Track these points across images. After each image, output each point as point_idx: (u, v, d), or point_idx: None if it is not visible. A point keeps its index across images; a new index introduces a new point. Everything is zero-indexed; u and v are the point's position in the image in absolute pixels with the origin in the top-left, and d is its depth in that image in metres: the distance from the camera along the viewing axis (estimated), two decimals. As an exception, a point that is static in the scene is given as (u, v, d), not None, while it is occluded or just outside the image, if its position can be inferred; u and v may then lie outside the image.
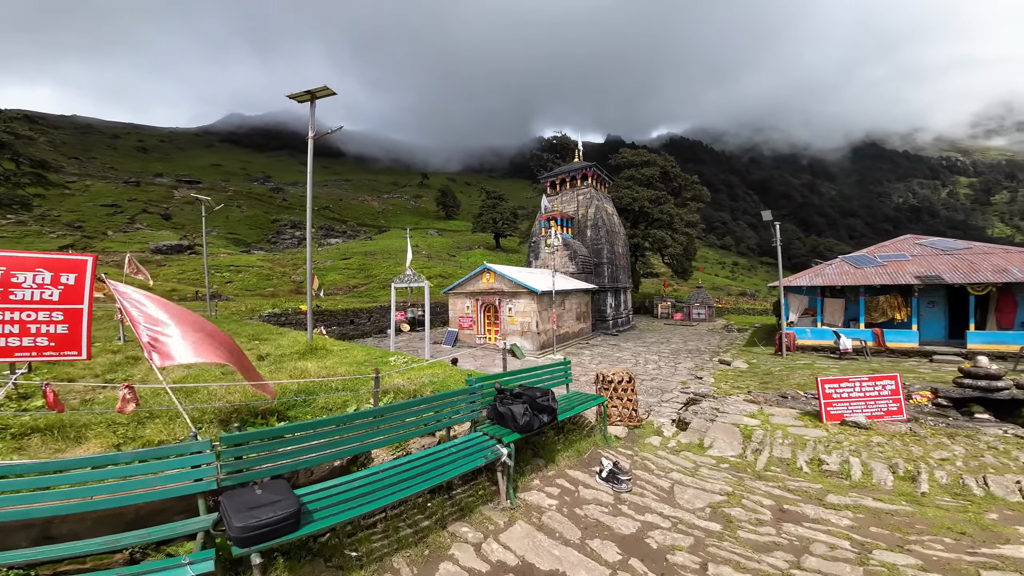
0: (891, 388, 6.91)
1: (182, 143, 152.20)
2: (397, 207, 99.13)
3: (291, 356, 7.92)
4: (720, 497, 4.20)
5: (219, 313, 20.35)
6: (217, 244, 55.46)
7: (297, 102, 10.16)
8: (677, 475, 4.66)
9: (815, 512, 4.01)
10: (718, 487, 4.42)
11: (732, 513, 3.90)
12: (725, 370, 13.61)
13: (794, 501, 4.25)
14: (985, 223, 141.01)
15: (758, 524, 3.76)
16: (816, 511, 4.03)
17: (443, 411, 3.67)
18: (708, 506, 4.03)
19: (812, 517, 3.92)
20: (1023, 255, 14.71)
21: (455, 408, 3.81)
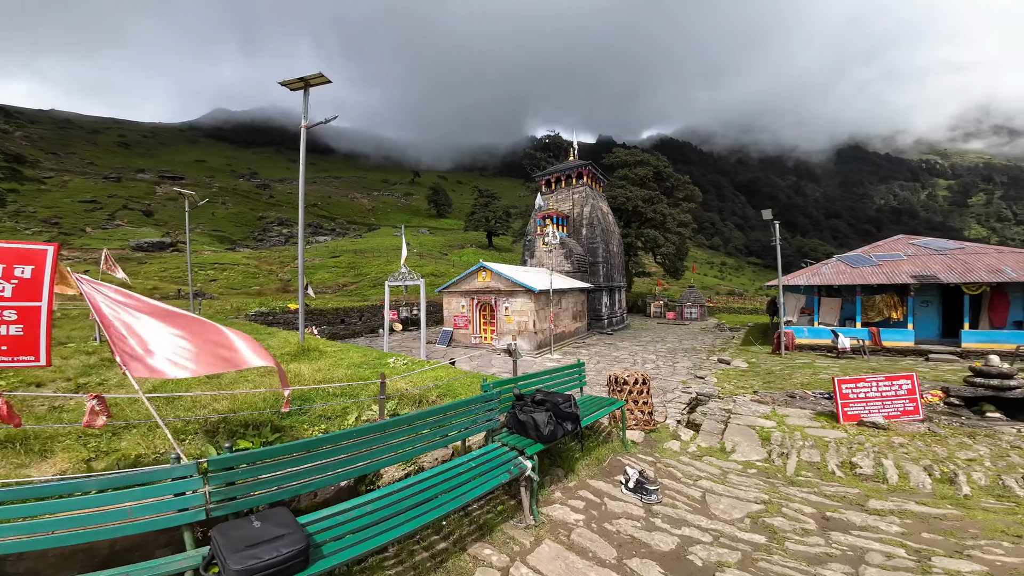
0: (907, 388, 6.76)
1: (165, 138, 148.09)
2: (387, 205, 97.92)
3: (282, 358, 7.46)
4: (757, 506, 3.94)
5: (203, 312, 19.59)
6: (201, 241, 53.98)
7: (289, 89, 9.63)
8: (707, 483, 4.38)
9: (861, 519, 3.77)
10: (752, 495, 4.16)
11: (774, 523, 3.64)
12: (726, 369, 13.48)
13: (835, 508, 4.01)
14: (962, 225, 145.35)
15: (804, 534, 3.50)
16: (862, 518, 3.79)
17: (459, 420, 3.29)
18: (747, 516, 3.75)
19: (859, 524, 3.69)
20: (1015, 255, 14.91)
21: (472, 417, 3.43)
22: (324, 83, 9.58)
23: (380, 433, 2.75)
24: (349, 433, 2.65)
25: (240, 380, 5.92)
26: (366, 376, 5.74)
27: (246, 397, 4.88)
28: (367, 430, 2.73)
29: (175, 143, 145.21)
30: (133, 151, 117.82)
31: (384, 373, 4.24)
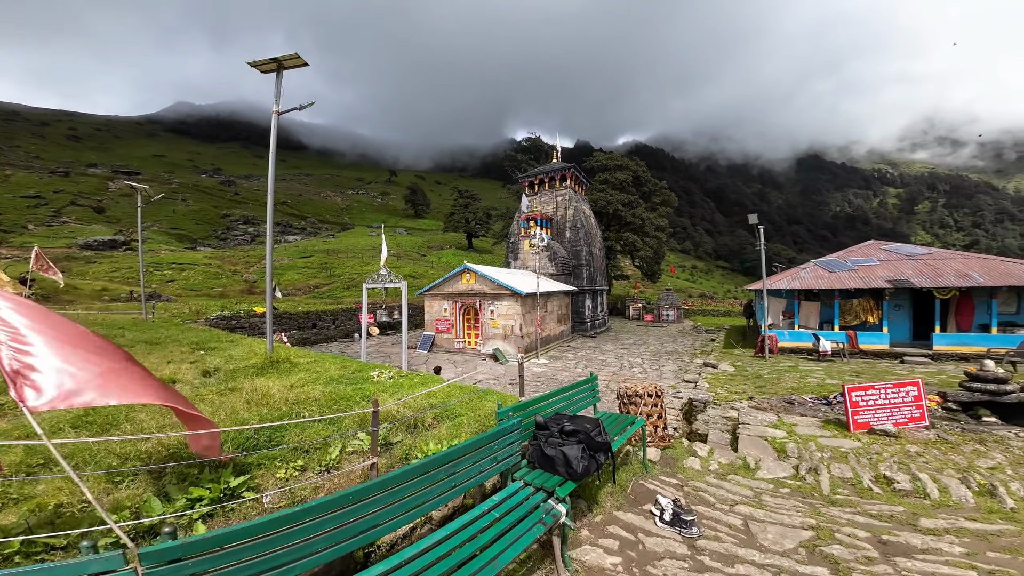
0: (914, 394, 6.67)
1: (121, 132, 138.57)
2: (362, 204, 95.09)
3: (247, 372, 6.56)
4: (807, 532, 3.55)
5: (157, 316, 17.93)
6: (158, 240, 50.50)
7: (260, 71, 8.69)
8: (744, 508, 3.96)
9: (920, 541, 3.46)
10: (798, 520, 3.77)
11: (833, 552, 3.25)
12: (715, 374, 13.38)
13: (887, 529, 3.69)
14: (909, 231, 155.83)
15: (869, 563, 3.14)
16: (920, 539, 3.49)
17: (475, 463, 2.63)
18: (800, 546, 3.35)
19: (920, 547, 3.37)
20: (980, 261, 15.66)
21: (492, 456, 2.78)
22: (300, 65, 8.70)
23: (381, 492, 2.09)
24: (341, 499, 1.97)
25: (195, 401, 5.06)
26: (348, 395, 5.00)
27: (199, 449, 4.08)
28: (365, 491, 2.05)
29: (132, 137, 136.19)
30: (84, 144, 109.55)
31: (376, 399, 3.56)
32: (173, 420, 4.33)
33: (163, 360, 8.34)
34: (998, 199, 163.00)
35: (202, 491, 3.16)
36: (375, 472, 3.16)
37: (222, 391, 5.52)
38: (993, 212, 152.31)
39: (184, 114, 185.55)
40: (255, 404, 4.58)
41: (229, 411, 4.39)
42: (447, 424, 4.20)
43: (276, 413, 4.31)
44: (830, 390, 10.75)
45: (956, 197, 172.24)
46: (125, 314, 19.98)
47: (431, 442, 3.71)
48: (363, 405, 4.65)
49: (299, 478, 3.35)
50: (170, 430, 4.16)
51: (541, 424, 3.30)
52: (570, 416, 3.43)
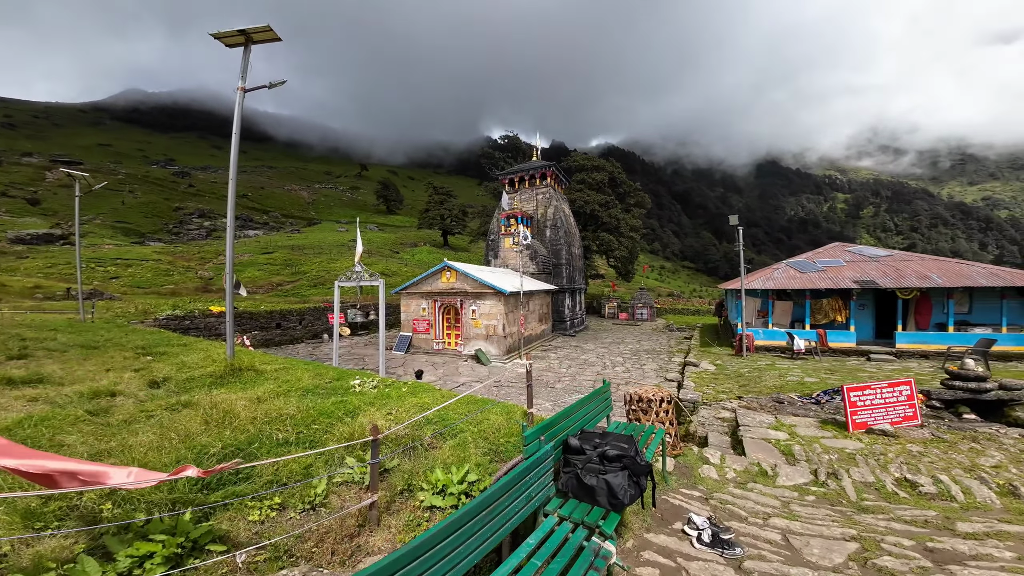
0: (907, 393, 6.74)
1: (62, 120, 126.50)
2: (330, 198, 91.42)
3: (204, 382, 5.71)
4: (852, 544, 3.34)
5: (97, 316, 16.16)
6: (102, 234, 46.41)
7: (225, 45, 7.76)
8: (779, 520, 3.68)
9: (967, 547, 3.34)
10: (837, 530, 3.54)
11: (886, 564, 3.05)
12: (698, 372, 13.43)
13: (927, 536, 3.55)
14: (855, 234, 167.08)
15: (925, 573, 2.98)
16: (967, 546, 3.37)
17: (511, 505, 2.11)
18: (850, 559, 3.12)
19: (969, 553, 3.23)
20: (936, 262, 16.62)
21: (526, 493, 2.25)
22: (271, 39, 7.83)
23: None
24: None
25: (139, 418, 4.24)
26: (328, 410, 4.34)
27: (150, 456, 3.32)
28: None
29: (74, 125, 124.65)
30: (19, 132, 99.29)
31: (376, 426, 2.98)
32: (110, 445, 3.54)
33: (101, 367, 7.27)
34: (933, 205, 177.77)
35: (152, 545, 2.48)
36: (374, 512, 2.60)
37: (174, 406, 4.71)
38: (929, 217, 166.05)
39: (135, 101, 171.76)
40: (216, 424, 3.86)
41: (183, 434, 3.66)
42: (450, 443, 3.66)
43: (243, 436, 3.62)
44: (811, 388, 10.96)
45: (896, 203, 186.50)
46: (60, 314, 17.89)
47: (437, 468, 3.17)
48: (346, 422, 4.02)
49: (278, 520, 2.73)
50: (108, 458, 3.39)
51: (575, 448, 2.84)
52: (600, 434, 3.01)
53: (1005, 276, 14.77)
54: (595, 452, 2.77)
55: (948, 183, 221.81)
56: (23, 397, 5.40)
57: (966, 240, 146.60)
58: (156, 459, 3.38)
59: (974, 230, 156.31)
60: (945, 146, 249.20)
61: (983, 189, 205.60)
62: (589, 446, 2.85)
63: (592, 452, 2.79)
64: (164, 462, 3.38)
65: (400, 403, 4.74)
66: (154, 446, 3.56)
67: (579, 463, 2.74)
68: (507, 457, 3.46)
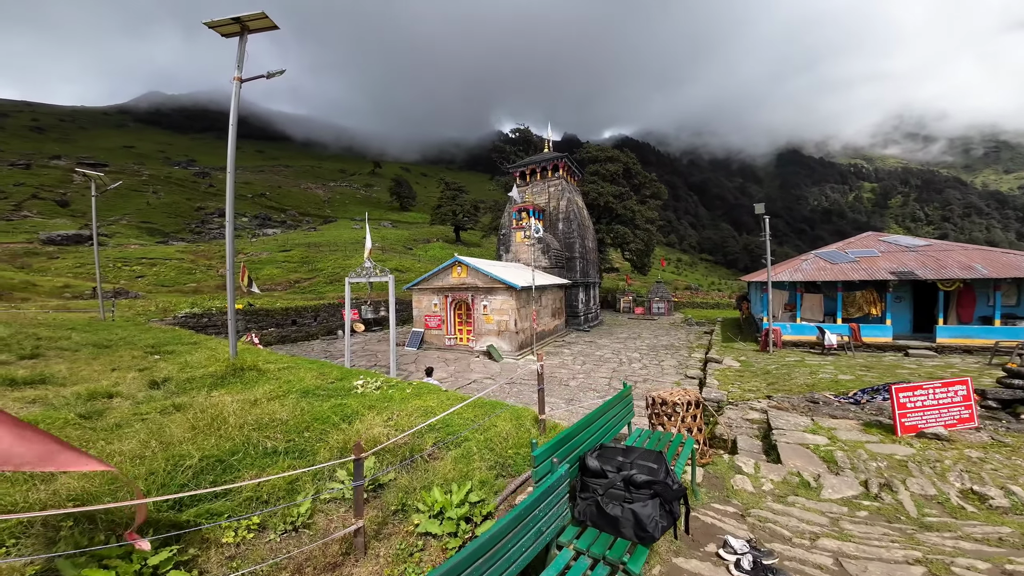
0: (963, 394, 6.09)
1: (87, 123, 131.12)
2: (345, 196, 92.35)
3: (203, 382, 5.48)
4: (918, 568, 2.86)
5: (118, 314, 16.43)
6: (127, 234, 47.83)
7: (221, 35, 7.51)
8: (829, 542, 3.19)
9: None
10: (899, 553, 3.04)
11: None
12: (721, 369, 12.78)
13: (1004, 557, 3.04)
14: (883, 225, 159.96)
15: None
16: None
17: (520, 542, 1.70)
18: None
19: None
20: (980, 252, 15.44)
21: (537, 528, 1.85)
22: (268, 28, 7.53)
23: None
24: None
25: (131, 421, 3.99)
26: (324, 415, 4.01)
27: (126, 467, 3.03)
28: None
29: (98, 128, 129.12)
30: (47, 136, 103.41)
31: (360, 443, 2.60)
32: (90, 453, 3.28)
33: (107, 367, 7.16)
34: (966, 194, 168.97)
35: (105, 573, 2.17)
36: (360, 539, 2.23)
37: (167, 409, 4.46)
38: (961, 206, 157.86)
39: (156, 104, 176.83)
40: (202, 430, 3.57)
41: (164, 441, 3.37)
42: (453, 454, 3.29)
43: (227, 444, 3.31)
44: (846, 387, 10.23)
45: (927, 192, 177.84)
46: (83, 313, 18.30)
47: (435, 487, 2.79)
48: (342, 429, 3.69)
49: (254, 544, 2.40)
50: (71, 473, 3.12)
51: (594, 470, 2.40)
52: (623, 449, 2.57)
53: (1061, 265, 13.58)
54: (619, 476, 2.33)
55: (982, 171, 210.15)
56: (22, 399, 5.26)
57: (1002, 230, 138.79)
58: (131, 470, 3.11)
59: (1011, 220, 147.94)
60: (977, 133, 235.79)
61: (1020, 177, 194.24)
62: (611, 467, 2.41)
63: (615, 475, 2.34)
64: (136, 474, 3.10)
65: (402, 406, 4.39)
66: (132, 455, 3.29)
67: (599, 488, 2.31)
68: (515, 471, 3.07)
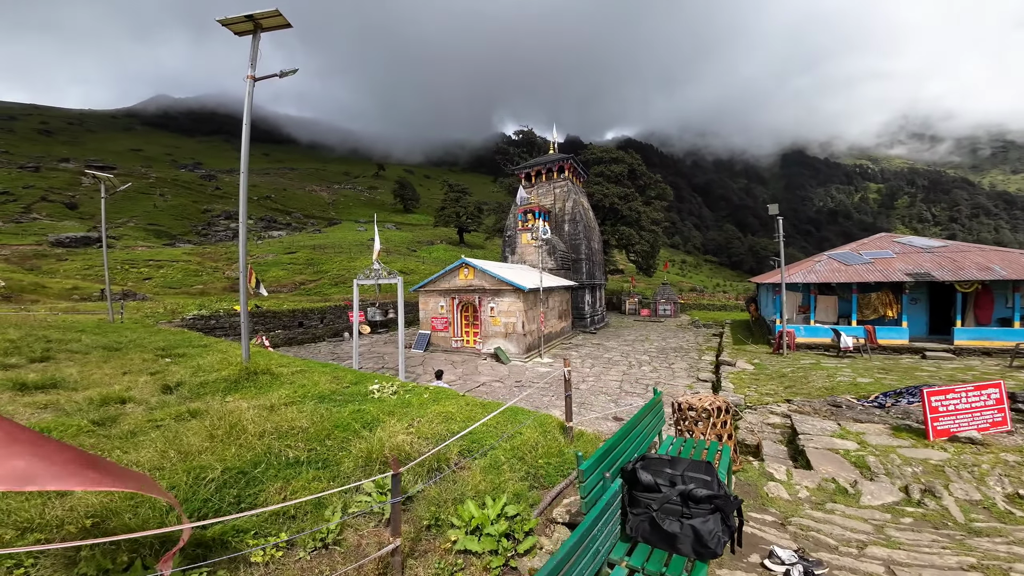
0: (996, 397, 5.92)
1: (95, 126, 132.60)
2: (349, 198, 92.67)
3: (217, 386, 5.38)
4: (975, 575, 2.66)
5: (127, 316, 16.44)
6: (135, 236, 48.17)
7: (234, 32, 7.45)
8: (879, 550, 3.04)
9: None
10: (952, 559, 2.90)
11: None
12: (736, 372, 12.57)
13: None
14: (890, 226, 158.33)
15: None
16: None
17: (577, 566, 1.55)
18: None
19: None
20: (998, 253, 15.15)
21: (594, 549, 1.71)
22: (281, 26, 7.46)
23: None
24: None
25: (146, 429, 3.88)
26: (345, 422, 3.90)
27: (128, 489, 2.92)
28: None
29: (106, 131, 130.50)
30: (56, 139, 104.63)
31: (396, 458, 2.48)
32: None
33: (119, 370, 7.08)
34: (974, 194, 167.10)
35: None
36: (397, 558, 2.10)
37: (182, 415, 4.35)
38: (969, 207, 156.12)
39: (163, 107, 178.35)
40: (221, 439, 3.45)
41: (183, 451, 3.25)
42: (480, 464, 3.16)
43: (249, 454, 3.19)
44: (866, 390, 10.01)
45: (934, 192, 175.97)
46: (92, 314, 18.35)
47: (468, 500, 2.66)
48: (364, 436, 3.56)
49: (284, 563, 2.27)
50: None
51: (647, 484, 2.25)
52: (668, 460, 2.42)
53: (1082, 266, 13.29)
54: (674, 490, 2.17)
55: (989, 171, 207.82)
56: (33, 404, 5.18)
57: (1011, 231, 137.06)
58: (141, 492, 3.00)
59: (1020, 220, 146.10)
60: (984, 133, 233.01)
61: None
62: (663, 480, 2.27)
63: (670, 490, 2.19)
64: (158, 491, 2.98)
65: (422, 412, 4.26)
66: (151, 465, 3.18)
67: (654, 503, 2.16)
68: (547, 482, 2.94)
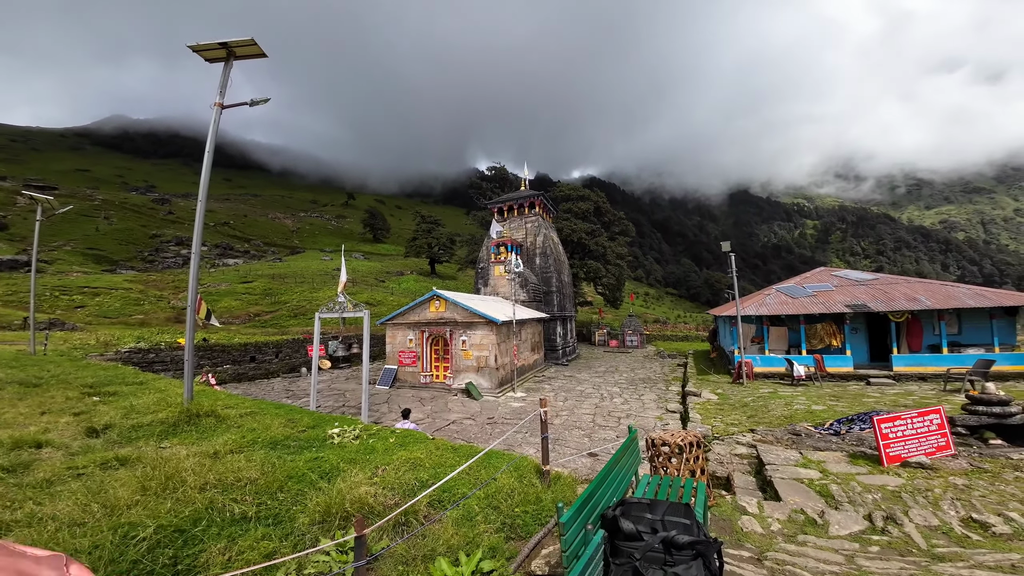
0: (937, 422, 6.34)
1: (40, 144, 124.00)
2: (315, 227, 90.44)
3: (152, 430, 4.83)
4: None
5: (51, 348, 14.77)
6: (70, 260, 44.37)
7: (204, 59, 7.31)
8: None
9: None
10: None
11: None
12: (702, 403, 12.85)
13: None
14: (826, 259, 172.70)
15: None
16: None
17: None
18: None
19: None
20: (923, 285, 16.81)
21: None
22: (255, 55, 7.40)
23: None
24: None
25: (65, 478, 3.37)
26: (300, 471, 3.54)
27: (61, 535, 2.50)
28: None
29: (53, 150, 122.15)
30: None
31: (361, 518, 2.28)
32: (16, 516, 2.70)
33: (36, 409, 6.26)
34: (895, 229, 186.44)
35: None
36: (356, 632, 1.87)
37: (109, 463, 3.85)
38: (892, 240, 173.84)
39: (120, 127, 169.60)
40: (154, 491, 3.05)
41: (108, 504, 2.83)
42: (452, 515, 2.94)
43: (188, 509, 2.82)
44: (821, 417, 10.49)
45: (861, 228, 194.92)
46: (10, 345, 16.36)
47: (440, 557, 2.45)
48: (322, 488, 3.25)
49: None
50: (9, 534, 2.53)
51: (628, 533, 2.15)
52: (647, 504, 2.34)
53: (992, 296, 14.95)
54: (656, 537, 2.08)
55: (907, 208, 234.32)
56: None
57: (928, 262, 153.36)
58: (68, 541, 2.57)
59: (935, 252, 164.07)
60: (899, 171, 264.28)
61: (939, 213, 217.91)
62: (644, 527, 2.18)
63: (652, 537, 2.10)
64: (79, 546, 2.56)
65: (387, 458, 3.97)
66: (70, 521, 2.74)
67: (636, 552, 2.06)
68: (524, 531, 2.77)
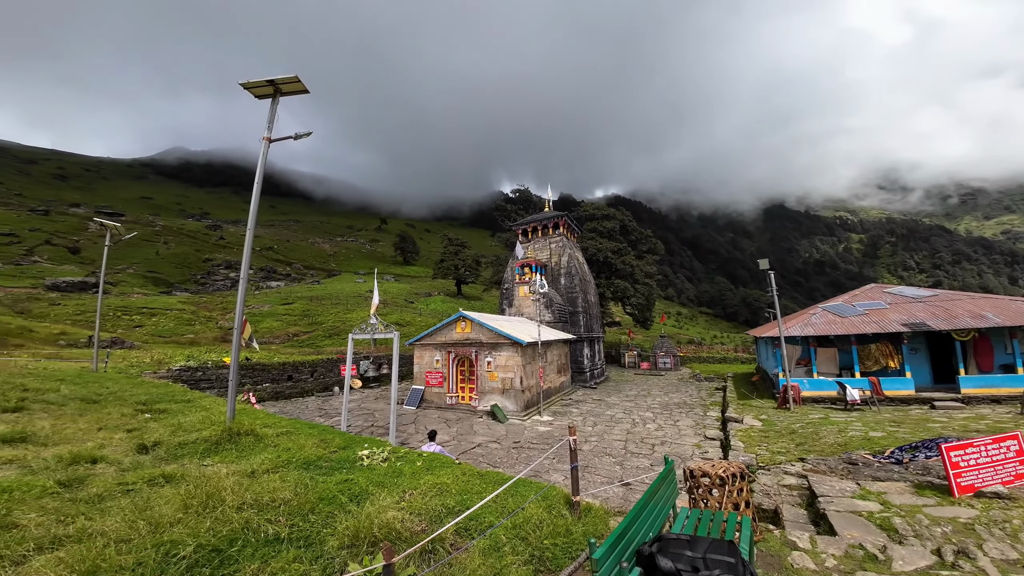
0: (1015, 449, 5.67)
1: (109, 174, 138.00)
2: (351, 251, 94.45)
3: (196, 448, 5.05)
4: None
5: (111, 365, 15.88)
6: (132, 283, 48.25)
7: (254, 95, 7.95)
8: None
9: None
10: None
11: None
12: (744, 429, 12.08)
13: None
14: (875, 275, 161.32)
15: None
16: None
17: None
18: None
19: None
20: (989, 300, 15.35)
21: None
22: (299, 91, 7.98)
23: None
24: None
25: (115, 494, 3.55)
26: (331, 494, 3.58)
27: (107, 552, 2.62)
28: None
29: (120, 179, 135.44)
30: (70, 184, 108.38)
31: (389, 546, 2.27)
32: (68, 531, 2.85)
33: (94, 425, 6.70)
34: (952, 241, 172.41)
35: None
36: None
37: (154, 479, 4.03)
38: (950, 253, 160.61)
39: (181, 158, 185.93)
40: (196, 510, 3.15)
41: (153, 521, 2.95)
42: (479, 545, 2.86)
43: (226, 528, 2.90)
44: (880, 444, 9.58)
45: (913, 241, 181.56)
46: (75, 362, 17.76)
47: (468, 587, 2.38)
48: (351, 511, 3.26)
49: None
50: (61, 547, 2.69)
51: (667, 571, 2.02)
52: (687, 540, 2.19)
53: (1073, 314, 13.42)
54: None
55: (962, 218, 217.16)
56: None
57: (994, 275, 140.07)
58: (114, 558, 2.68)
59: (1000, 264, 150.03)
60: (950, 181, 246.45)
61: (1000, 223, 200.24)
62: (684, 565, 2.03)
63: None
64: (123, 564, 2.67)
65: (414, 483, 3.95)
66: (117, 537, 2.88)
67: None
68: (554, 565, 2.64)
